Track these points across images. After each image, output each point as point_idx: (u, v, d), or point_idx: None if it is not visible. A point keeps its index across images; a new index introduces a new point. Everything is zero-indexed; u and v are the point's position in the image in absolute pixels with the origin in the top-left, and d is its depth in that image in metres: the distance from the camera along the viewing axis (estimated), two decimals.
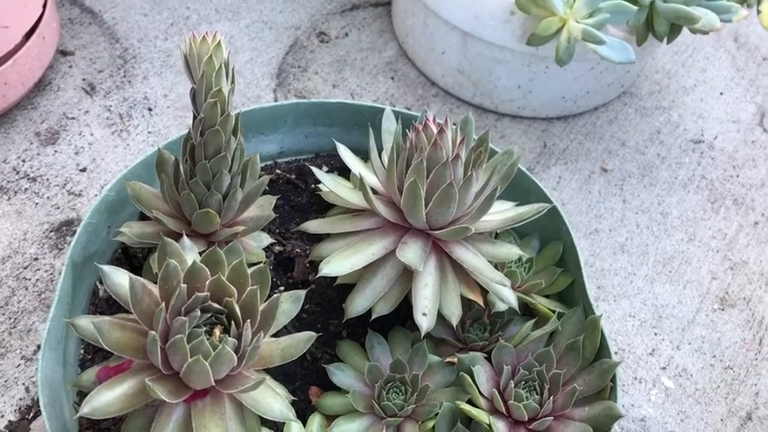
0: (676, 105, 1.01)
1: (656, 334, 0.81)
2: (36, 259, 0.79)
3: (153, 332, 0.45)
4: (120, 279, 0.50)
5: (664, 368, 0.79)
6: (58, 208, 0.84)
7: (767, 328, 0.82)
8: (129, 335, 0.48)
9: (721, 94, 1.03)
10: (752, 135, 0.99)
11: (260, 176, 0.63)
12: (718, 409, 0.76)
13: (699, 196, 0.92)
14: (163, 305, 0.46)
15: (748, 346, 0.81)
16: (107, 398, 0.47)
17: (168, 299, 0.47)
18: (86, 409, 0.46)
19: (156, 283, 0.51)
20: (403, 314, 0.66)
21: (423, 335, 0.58)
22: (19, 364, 0.73)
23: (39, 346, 0.74)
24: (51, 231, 0.82)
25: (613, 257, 0.86)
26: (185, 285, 0.48)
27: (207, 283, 0.49)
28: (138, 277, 0.48)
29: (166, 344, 0.47)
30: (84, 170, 0.87)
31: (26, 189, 0.84)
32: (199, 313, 0.48)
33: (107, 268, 0.50)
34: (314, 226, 0.63)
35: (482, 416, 0.57)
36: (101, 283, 0.66)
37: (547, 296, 0.67)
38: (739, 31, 1.10)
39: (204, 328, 0.49)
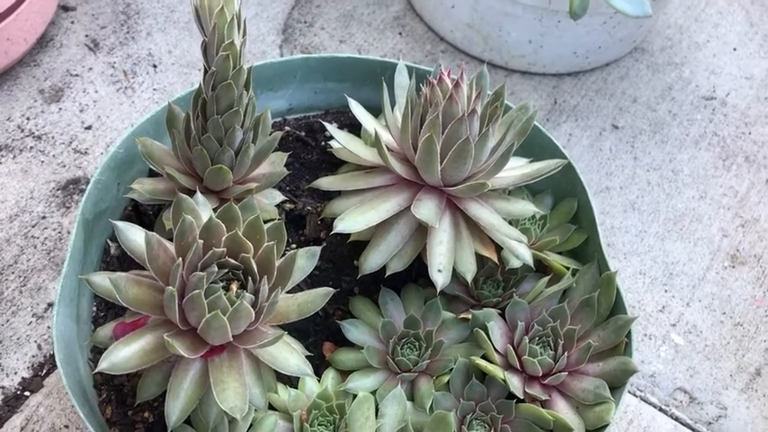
0: (688, 61, 0.99)
1: (666, 291, 0.81)
2: (44, 218, 0.79)
3: (171, 287, 0.45)
4: (134, 235, 0.50)
5: (674, 325, 0.79)
6: (65, 166, 0.83)
7: None
8: (146, 291, 0.48)
9: (734, 49, 1.01)
10: (765, 92, 0.97)
11: (271, 133, 0.62)
12: (728, 365, 0.77)
13: (710, 153, 0.91)
14: (180, 261, 0.46)
15: (758, 303, 0.81)
16: (125, 353, 0.47)
17: (184, 255, 0.47)
18: (105, 364, 0.46)
19: (169, 239, 0.50)
20: (415, 271, 0.66)
21: (438, 291, 0.58)
22: (30, 322, 0.73)
23: (49, 304, 0.74)
24: (58, 190, 0.81)
25: (624, 215, 0.86)
26: (201, 241, 0.47)
27: (223, 239, 0.48)
28: (154, 233, 0.47)
29: (183, 299, 0.47)
30: (89, 128, 0.86)
31: (31, 147, 0.84)
32: (216, 269, 0.48)
33: (122, 224, 0.50)
34: (326, 183, 0.63)
35: (497, 371, 0.57)
36: (112, 240, 0.66)
37: (560, 253, 0.67)
38: None
39: (221, 284, 0.48)
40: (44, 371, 0.71)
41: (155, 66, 0.91)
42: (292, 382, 0.60)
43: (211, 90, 0.54)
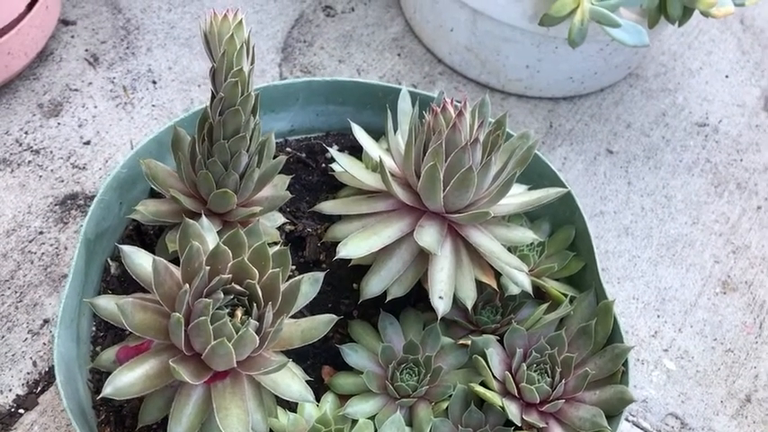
0: (682, 88, 1.01)
1: (658, 316, 0.82)
2: (41, 233, 0.79)
3: (177, 314, 0.45)
4: (140, 259, 0.50)
5: (666, 350, 0.80)
6: (63, 181, 0.83)
7: None
8: (152, 316, 0.48)
9: (726, 77, 1.03)
10: (756, 119, 0.99)
11: (275, 156, 0.62)
12: (719, 391, 0.78)
13: (703, 180, 0.93)
14: (186, 287, 0.46)
15: (749, 330, 0.82)
16: (129, 378, 0.47)
17: (191, 281, 0.47)
18: (109, 389, 0.46)
19: (171, 261, 0.51)
20: (414, 295, 0.66)
21: (439, 317, 0.58)
22: (26, 339, 0.72)
23: (45, 321, 0.74)
24: (56, 205, 0.81)
25: (618, 240, 0.87)
26: (208, 267, 0.47)
27: (229, 265, 0.48)
28: (162, 259, 0.47)
29: (189, 326, 0.47)
30: (88, 143, 0.86)
31: (29, 161, 0.83)
32: (221, 295, 0.48)
33: (128, 249, 0.50)
34: (329, 207, 0.63)
35: (495, 398, 0.58)
36: (112, 259, 0.66)
37: (557, 280, 0.68)
38: (745, 14, 1.10)
39: (226, 310, 0.48)
40: (39, 388, 0.70)
41: (154, 82, 0.91)
42: (291, 406, 0.60)
43: (219, 115, 0.54)
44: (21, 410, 0.69)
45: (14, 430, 0.68)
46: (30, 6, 0.83)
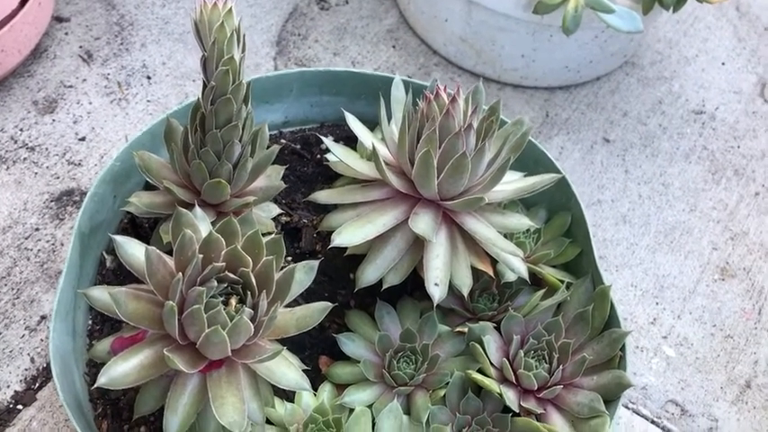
0: (678, 75, 1.01)
1: (657, 303, 0.82)
2: (37, 229, 0.79)
3: (170, 302, 0.45)
4: (133, 249, 0.50)
5: (665, 337, 0.80)
6: (58, 177, 0.82)
7: (767, 297, 0.83)
8: (145, 305, 0.48)
9: (723, 64, 1.02)
10: (753, 106, 0.99)
11: (268, 146, 0.62)
12: (718, 378, 0.77)
13: (700, 167, 0.93)
14: (179, 275, 0.46)
15: (748, 316, 0.82)
16: (123, 368, 0.47)
17: (184, 269, 0.47)
18: (104, 379, 0.46)
19: (166, 252, 0.50)
20: (410, 284, 0.66)
21: (435, 305, 0.58)
22: (23, 335, 0.72)
23: (42, 317, 0.73)
24: (52, 201, 0.81)
25: (615, 228, 0.87)
26: (201, 256, 0.47)
27: (222, 253, 0.48)
28: (154, 248, 0.47)
29: (183, 314, 0.47)
30: (83, 139, 0.86)
31: (25, 158, 0.83)
32: (215, 283, 0.48)
33: (120, 239, 0.50)
34: (323, 196, 0.63)
35: (493, 385, 0.57)
36: (108, 252, 0.66)
37: (554, 266, 0.68)
38: (741, 0, 1.10)
39: (220, 299, 0.48)
40: (37, 384, 0.70)
41: (149, 77, 0.91)
42: (288, 395, 0.60)
43: (210, 104, 0.54)
44: (19, 406, 0.69)
45: (13, 426, 0.68)
46: (23, 3, 0.83)
